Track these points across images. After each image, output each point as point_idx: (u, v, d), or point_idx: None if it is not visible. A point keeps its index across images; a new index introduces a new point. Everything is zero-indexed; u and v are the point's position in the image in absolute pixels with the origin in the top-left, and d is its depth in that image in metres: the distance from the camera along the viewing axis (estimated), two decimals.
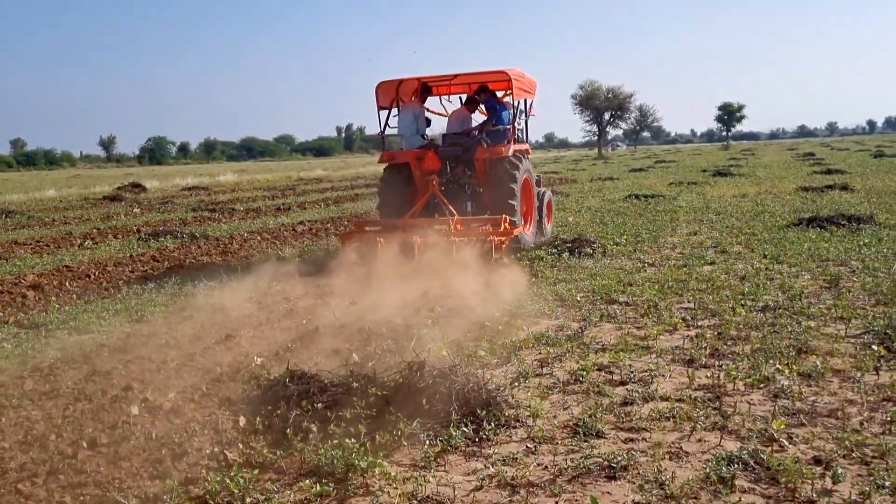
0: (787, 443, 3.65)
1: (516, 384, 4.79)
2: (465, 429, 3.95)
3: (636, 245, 10.37)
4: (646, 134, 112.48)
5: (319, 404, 4.24)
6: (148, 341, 6.24)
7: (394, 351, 5.63)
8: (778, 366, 4.75)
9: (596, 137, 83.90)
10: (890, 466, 3.33)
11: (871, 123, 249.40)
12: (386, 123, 11.10)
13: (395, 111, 11.03)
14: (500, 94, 11.30)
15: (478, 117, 11.27)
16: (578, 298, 7.19)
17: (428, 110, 11.40)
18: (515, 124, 10.67)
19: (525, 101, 11.46)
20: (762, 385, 4.49)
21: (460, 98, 11.77)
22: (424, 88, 11.12)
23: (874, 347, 4.94)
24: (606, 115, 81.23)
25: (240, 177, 43.86)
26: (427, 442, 3.86)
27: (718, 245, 9.95)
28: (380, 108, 10.95)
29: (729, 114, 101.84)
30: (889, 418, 3.85)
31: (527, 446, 3.85)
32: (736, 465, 3.40)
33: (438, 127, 12.24)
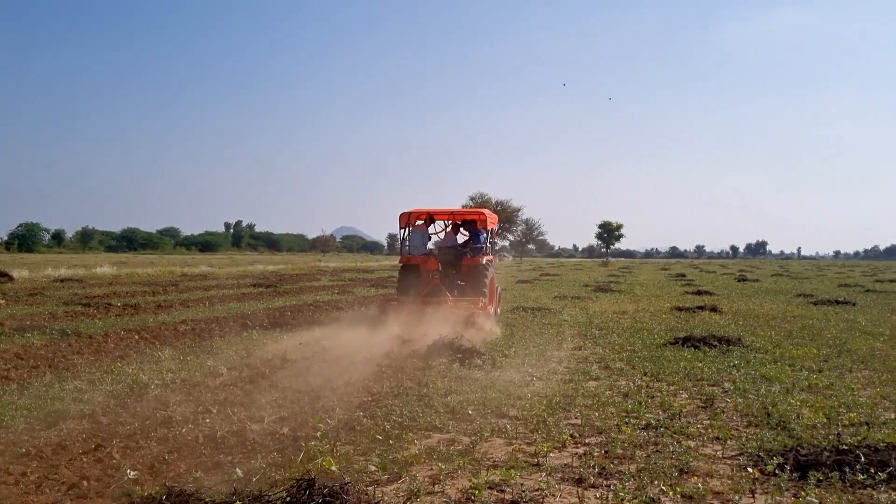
0: None
1: (408, 503, 4.67)
2: None
3: (524, 358, 10.57)
4: (531, 246, 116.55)
5: None
6: (6, 450, 5.71)
7: (280, 465, 5.40)
8: (662, 486, 4.88)
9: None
10: None
11: (734, 248, 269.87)
12: (404, 238, 16.11)
13: (408, 230, 15.92)
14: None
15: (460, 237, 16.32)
16: (469, 411, 7.18)
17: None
18: (487, 243, 15.98)
19: (490, 229, 16.62)
20: None
21: (446, 224, 16.79)
22: (429, 217, 16.22)
23: (749, 470, 5.18)
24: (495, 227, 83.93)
25: (118, 270, 41.85)
26: None
27: (602, 361, 10.30)
28: (401, 227, 16.06)
29: (608, 231, 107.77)
30: None
31: None
32: None
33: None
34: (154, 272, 40.37)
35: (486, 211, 16.53)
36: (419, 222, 16.07)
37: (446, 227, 16.68)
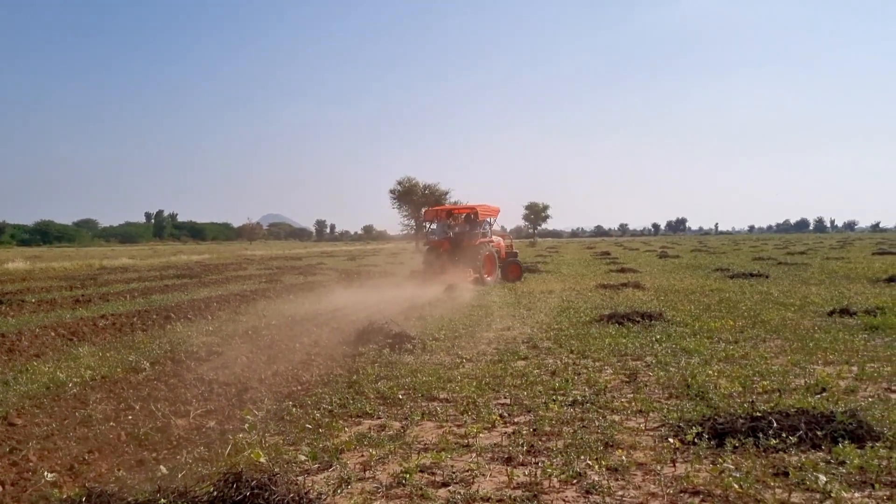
0: None
1: (339, 490, 4.66)
2: None
3: (454, 340, 10.65)
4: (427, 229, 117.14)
5: None
6: None
7: (207, 459, 5.30)
8: (588, 461, 5.01)
9: (413, 231, 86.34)
10: None
11: (656, 226, 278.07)
12: (430, 228, 24.74)
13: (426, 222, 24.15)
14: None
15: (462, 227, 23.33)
16: (400, 396, 7.20)
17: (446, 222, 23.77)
18: (482, 230, 22.95)
19: (490, 219, 23.73)
20: (575, 481, 4.70)
21: (458, 216, 23.68)
22: (447, 213, 23.84)
23: (670, 440, 5.37)
24: (423, 210, 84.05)
25: (32, 264, 39.98)
26: None
27: (530, 340, 10.46)
28: (426, 220, 25.02)
29: (535, 213, 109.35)
30: None
31: None
32: None
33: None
34: (71, 266, 38.76)
35: (482, 206, 23.16)
36: (437, 217, 24.00)
37: (458, 219, 23.38)
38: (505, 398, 7.05)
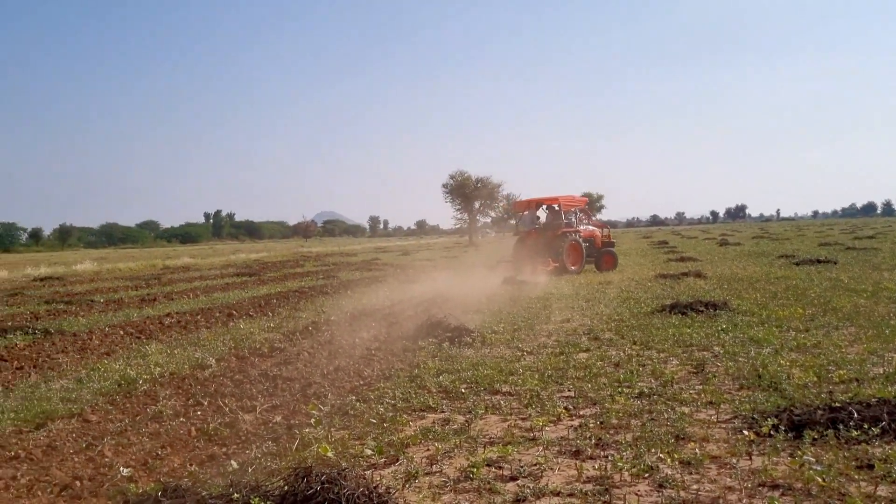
0: None
1: (407, 485, 4.64)
2: None
3: (513, 333, 10.57)
4: (512, 222, 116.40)
5: None
6: None
7: (275, 454, 5.35)
8: (660, 454, 4.88)
9: (466, 225, 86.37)
10: None
11: (714, 214, 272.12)
12: (519, 219, 26.30)
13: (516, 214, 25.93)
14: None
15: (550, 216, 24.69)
16: (462, 390, 7.16)
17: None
18: (567, 220, 23.69)
19: (576, 209, 24.33)
20: (647, 475, 4.58)
21: (548, 207, 24.54)
22: (538, 204, 24.43)
23: (745, 432, 5.19)
24: (476, 204, 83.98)
25: (99, 265, 41.39)
26: None
27: (591, 332, 10.31)
28: (515, 212, 27.55)
29: (589, 203, 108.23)
30: None
31: None
32: None
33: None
34: (136, 266, 39.96)
35: (566, 197, 24.12)
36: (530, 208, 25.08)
37: (547, 209, 24.47)
38: (569, 391, 6.95)
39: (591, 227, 24.52)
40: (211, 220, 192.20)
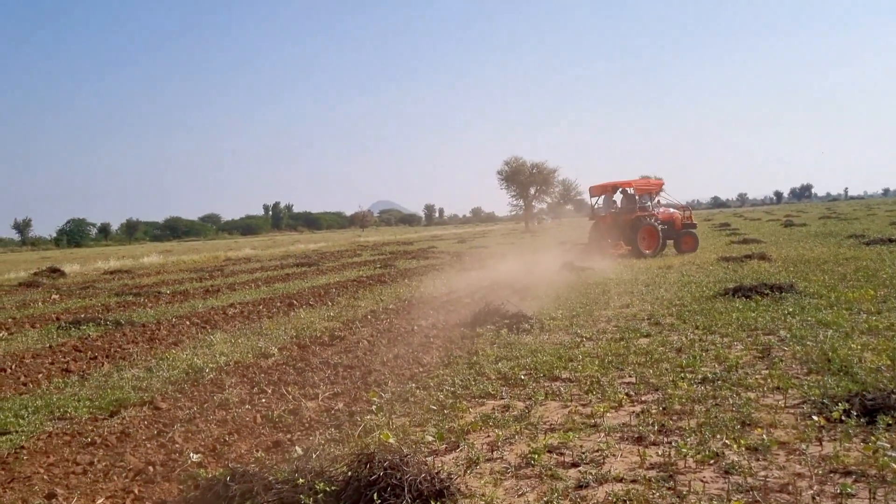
0: None
1: (468, 471, 4.67)
2: None
3: (572, 319, 10.48)
4: (569, 207, 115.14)
5: None
6: (73, 440, 5.87)
7: (338, 440, 5.44)
8: (725, 440, 4.78)
9: (522, 211, 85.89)
10: None
11: (779, 194, 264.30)
12: (594, 204, 25.36)
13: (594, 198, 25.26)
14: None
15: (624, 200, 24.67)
16: (522, 376, 7.14)
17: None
18: (640, 205, 23.66)
19: (651, 194, 24.27)
20: (712, 461, 4.50)
21: (624, 191, 24.31)
22: (613, 188, 24.05)
23: (814, 418, 5.04)
24: (532, 190, 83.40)
25: (165, 258, 42.72)
26: None
27: (651, 317, 10.15)
28: (592, 196, 25.18)
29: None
30: (839, 491, 3.89)
31: None
32: None
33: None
34: (199, 258, 41.09)
35: (640, 180, 25.50)
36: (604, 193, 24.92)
37: (623, 193, 24.20)
38: (630, 377, 6.86)
39: (670, 210, 24.31)
40: (270, 212, 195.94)
